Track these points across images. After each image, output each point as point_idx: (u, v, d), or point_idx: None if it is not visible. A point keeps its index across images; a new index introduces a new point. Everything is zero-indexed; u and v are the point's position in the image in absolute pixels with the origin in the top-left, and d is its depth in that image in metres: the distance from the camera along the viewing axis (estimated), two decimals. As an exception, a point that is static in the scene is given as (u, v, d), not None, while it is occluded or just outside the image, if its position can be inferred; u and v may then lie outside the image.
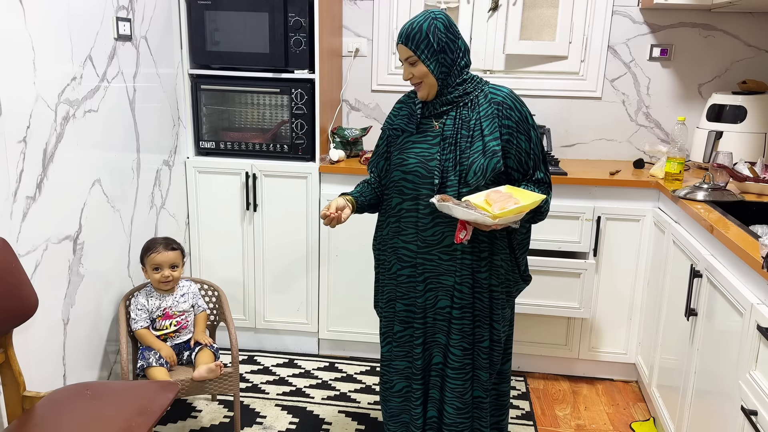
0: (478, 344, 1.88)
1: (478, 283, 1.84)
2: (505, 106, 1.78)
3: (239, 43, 2.72)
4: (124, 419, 1.62)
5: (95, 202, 2.21)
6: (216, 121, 2.84)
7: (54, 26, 1.95)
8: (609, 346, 2.81)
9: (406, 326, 1.92)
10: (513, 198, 1.68)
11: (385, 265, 1.96)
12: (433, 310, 1.88)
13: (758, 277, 1.62)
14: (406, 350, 1.94)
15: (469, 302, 1.84)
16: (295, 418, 2.51)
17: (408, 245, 1.86)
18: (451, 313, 1.85)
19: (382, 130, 1.97)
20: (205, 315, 2.42)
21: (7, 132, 1.77)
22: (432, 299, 1.87)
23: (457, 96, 1.79)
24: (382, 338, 2.01)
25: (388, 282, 1.95)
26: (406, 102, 1.91)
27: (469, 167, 1.76)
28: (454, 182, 1.77)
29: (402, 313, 1.92)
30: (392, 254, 1.91)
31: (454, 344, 1.86)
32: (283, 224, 2.86)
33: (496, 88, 1.83)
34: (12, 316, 1.70)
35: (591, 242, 2.68)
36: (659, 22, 2.98)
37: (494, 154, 1.75)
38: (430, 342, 1.90)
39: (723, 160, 2.49)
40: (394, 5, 3.09)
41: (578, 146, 3.16)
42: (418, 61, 1.74)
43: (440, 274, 1.84)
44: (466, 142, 1.77)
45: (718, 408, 1.81)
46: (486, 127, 1.77)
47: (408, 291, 1.90)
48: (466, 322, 1.85)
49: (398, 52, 1.79)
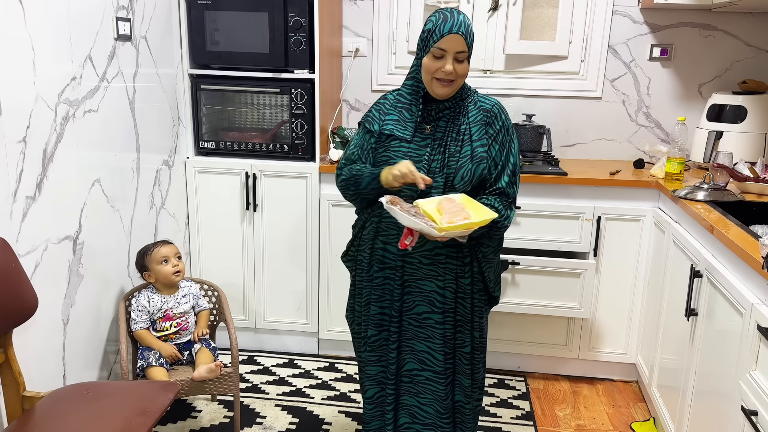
0: (459, 349, 1.86)
1: (462, 288, 1.82)
2: (492, 114, 1.80)
3: (239, 43, 2.72)
4: (124, 419, 1.62)
5: (95, 202, 2.21)
6: (216, 121, 2.84)
7: (54, 26, 1.95)
8: (609, 346, 2.81)
9: (380, 330, 1.89)
10: (465, 211, 1.61)
11: (362, 265, 1.91)
12: (409, 314, 1.84)
13: (758, 277, 1.62)
14: (379, 355, 1.91)
15: (451, 307, 1.82)
16: (295, 418, 2.51)
17: (387, 246, 1.83)
18: (430, 317, 1.82)
19: (363, 125, 1.88)
20: (207, 313, 2.42)
21: (7, 132, 1.77)
22: (409, 303, 1.84)
23: (454, 103, 1.79)
24: (356, 345, 1.99)
25: (366, 284, 1.90)
26: (394, 104, 1.84)
27: (457, 171, 1.75)
28: (440, 184, 1.75)
29: (376, 317, 1.88)
30: (370, 255, 1.87)
31: (436, 348, 1.83)
32: (283, 224, 2.86)
33: (485, 96, 1.85)
34: (12, 316, 1.70)
35: (591, 242, 2.68)
36: (659, 22, 2.98)
37: (481, 160, 1.76)
38: (404, 347, 1.87)
39: (723, 160, 2.49)
40: (394, 5, 3.09)
41: (578, 146, 3.16)
42: (466, 59, 1.72)
43: (420, 278, 1.81)
44: (456, 146, 1.76)
45: (718, 408, 1.81)
46: (474, 133, 1.77)
47: (383, 294, 1.86)
48: (448, 327, 1.83)
49: (445, 44, 1.68)
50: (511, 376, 2.87)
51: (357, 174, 1.83)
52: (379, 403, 1.95)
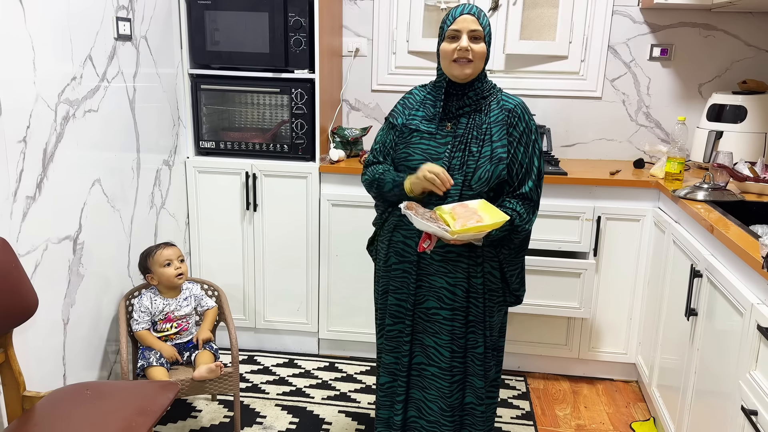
0: (471, 350, 1.86)
1: (474, 287, 1.82)
2: (515, 114, 1.78)
3: (239, 43, 2.72)
4: (124, 419, 1.62)
5: (95, 202, 2.21)
6: (216, 121, 2.84)
7: (54, 26, 1.95)
8: (609, 346, 2.81)
9: (395, 321, 1.91)
10: (477, 215, 1.64)
11: (380, 255, 1.95)
12: (420, 308, 1.86)
13: (758, 277, 1.62)
14: (394, 345, 1.93)
15: (462, 306, 1.82)
16: (295, 418, 2.51)
17: (408, 240, 1.85)
18: (438, 313, 1.83)
19: (387, 120, 1.91)
20: (213, 312, 2.42)
21: (7, 132, 1.77)
22: (421, 297, 1.86)
23: (475, 99, 1.78)
24: (377, 330, 2.02)
25: (383, 274, 1.93)
26: (422, 101, 1.86)
27: (475, 171, 1.75)
28: (458, 182, 1.76)
29: (393, 307, 1.91)
30: (388, 246, 1.90)
31: (443, 345, 1.84)
32: (283, 224, 2.86)
33: (508, 96, 1.83)
34: (12, 316, 1.70)
35: (591, 242, 2.68)
36: (659, 21, 2.98)
37: (500, 161, 1.75)
38: (415, 340, 1.89)
39: (723, 160, 2.49)
40: (394, 5, 3.09)
41: (578, 146, 3.15)
42: (481, 39, 1.73)
43: (431, 274, 1.83)
44: (476, 145, 1.76)
45: (718, 408, 1.81)
46: (495, 133, 1.77)
47: (401, 286, 1.88)
48: (457, 325, 1.83)
49: (459, 24, 1.72)
50: (511, 376, 2.87)
51: (380, 178, 1.86)
52: (389, 393, 1.96)
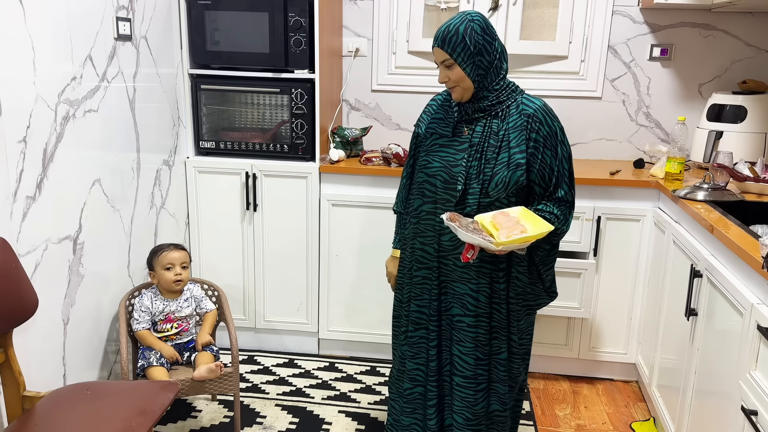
0: (495, 356, 1.85)
1: (496, 293, 1.82)
2: (535, 119, 1.74)
3: (239, 43, 2.72)
4: (124, 419, 1.62)
5: (95, 202, 2.21)
6: (216, 121, 2.84)
7: (54, 26, 1.95)
8: (609, 346, 2.81)
9: (417, 327, 1.91)
10: (521, 225, 1.65)
11: (403, 263, 1.95)
12: (446, 315, 1.86)
13: (758, 277, 1.62)
14: (415, 352, 1.92)
15: (486, 312, 1.81)
16: (295, 418, 2.51)
17: (426, 247, 1.85)
18: (462, 321, 1.82)
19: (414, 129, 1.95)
20: (213, 314, 2.42)
21: (7, 132, 1.77)
22: (446, 304, 1.86)
23: (490, 104, 1.76)
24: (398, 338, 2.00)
25: (407, 281, 1.93)
26: (441, 104, 1.88)
27: (491, 178, 1.74)
28: (476, 190, 1.76)
29: (414, 314, 1.91)
30: (410, 254, 1.91)
31: (467, 352, 1.83)
32: (283, 224, 2.86)
33: (529, 99, 1.78)
34: (12, 316, 1.70)
35: (591, 242, 2.68)
36: (659, 22, 2.98)
37: (518, 167, 1.73)
38: (443, 348, 1.88)
39: (723, 160, 2.49)
40: (394, 5, 3.09)
41: (578, 146, 3.15)
42: (454, 64, 1.72)
43: (453, 280, 1.83)
44: (493, 152, 1.75)
45: (718, 408, 1.81)
46: (513, 139, 1.74)
47: (422, 292, 1.89)
48: (481, 332, 1.82)
49: (434, 54, 1.76)
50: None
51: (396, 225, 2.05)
52: (411, 399, 1.95)
